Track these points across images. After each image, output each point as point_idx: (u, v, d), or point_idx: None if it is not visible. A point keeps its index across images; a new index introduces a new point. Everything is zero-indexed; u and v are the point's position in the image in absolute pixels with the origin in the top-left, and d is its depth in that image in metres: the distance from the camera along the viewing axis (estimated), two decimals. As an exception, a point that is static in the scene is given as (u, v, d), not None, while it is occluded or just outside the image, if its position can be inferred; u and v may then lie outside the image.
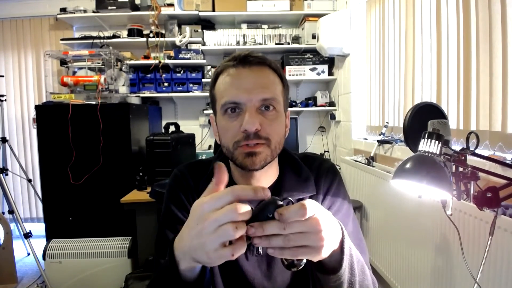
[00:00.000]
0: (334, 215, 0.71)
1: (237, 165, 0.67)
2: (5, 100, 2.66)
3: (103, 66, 2.57)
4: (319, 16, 2.73)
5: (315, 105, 3.04)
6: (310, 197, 0.73)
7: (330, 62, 2.97)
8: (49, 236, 2.31)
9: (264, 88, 0.65)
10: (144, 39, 2.85)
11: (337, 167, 0.83)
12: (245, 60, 0.66)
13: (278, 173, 0.76)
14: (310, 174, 0.75)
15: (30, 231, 2.31)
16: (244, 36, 2.95)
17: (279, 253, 0.43)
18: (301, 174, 0.75)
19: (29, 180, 2.91)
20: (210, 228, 0.41)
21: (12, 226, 2.46)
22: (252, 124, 0.62)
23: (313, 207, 0.43)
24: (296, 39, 2.96)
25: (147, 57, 2.89)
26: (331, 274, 0.53)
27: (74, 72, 2.75)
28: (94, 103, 2.34)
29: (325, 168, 0.78)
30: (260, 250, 0.69)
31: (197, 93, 2.95)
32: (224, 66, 0.68)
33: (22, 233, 2.30)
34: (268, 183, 0.74)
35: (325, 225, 0.44)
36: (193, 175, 0.75)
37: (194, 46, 2.92)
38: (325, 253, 0.46)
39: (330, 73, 2.97)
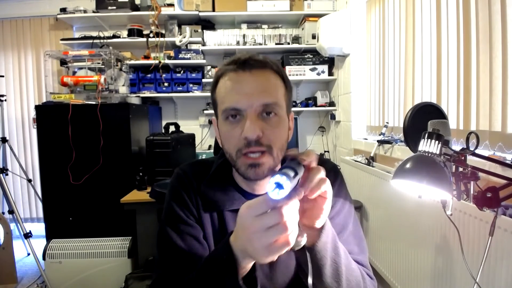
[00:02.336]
0: (336, 216, 0.72)
1: (239, 173, 0.66)
2: (5, 100, 2.67)
3: (103, 66, 2.57)
4: (319, 16, 2.73)
5: (315, 105, 3.04)
6: None
7: (330, 62, 2.97)
8: (49, 236, 2.31)
9: (265, 92, 0.63)
10: (144, 39, 2.85)
11: (338, 168, 0.83)
12: (245, 64, 0.64)
13: None
14: None
15: (30, 231, 2.31)
16: (244, 36, 2.95)
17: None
18: None
19: (29, 180, 2.91)
20: (256, 236, 0.46)
21: (12, 226, 2.46)
22: (253, 132, 0.60)
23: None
24: (296, 39, 2.96)
25: (147, 57, 2.89)
26: (310, 251, 0.56)
27: (74, 72, 2.75)
28: (94, 103, 2.34)
29: (326, 169, 0.77)
30: None
31: (197, 93, 2.95)
32: (225, 69, 0.67)
33: (22, 233, 2.30)
34: None
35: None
36: (195, 176, 0.75)
37: (194, 46, 2.92)
38: (321, 221, 0.55)
39: (330, 73, 2.97)
